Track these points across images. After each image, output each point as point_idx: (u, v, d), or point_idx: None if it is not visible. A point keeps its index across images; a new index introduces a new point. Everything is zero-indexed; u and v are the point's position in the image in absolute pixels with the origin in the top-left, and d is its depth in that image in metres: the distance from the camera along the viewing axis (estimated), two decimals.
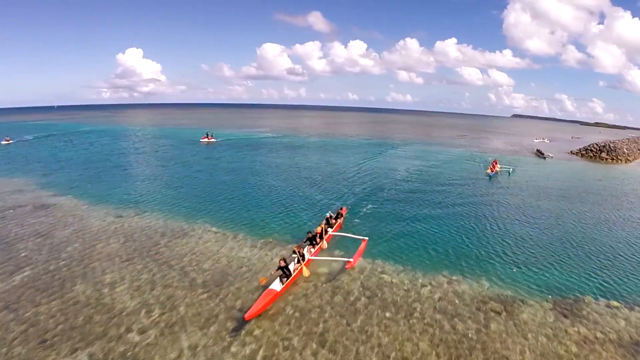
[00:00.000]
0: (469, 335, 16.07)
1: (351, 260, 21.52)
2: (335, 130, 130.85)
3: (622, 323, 17.45)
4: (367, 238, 25.24)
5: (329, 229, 26.11)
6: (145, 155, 65.66)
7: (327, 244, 24.57)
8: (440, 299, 18.95)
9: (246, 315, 16.08)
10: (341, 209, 30.07)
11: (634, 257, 25.40)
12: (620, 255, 25.60)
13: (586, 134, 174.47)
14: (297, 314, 17.31)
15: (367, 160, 63.41)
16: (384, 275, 21.23)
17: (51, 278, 20.34)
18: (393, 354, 14.70)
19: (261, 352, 14.66)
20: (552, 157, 75.45)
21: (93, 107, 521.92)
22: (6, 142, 77.77)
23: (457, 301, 18.70)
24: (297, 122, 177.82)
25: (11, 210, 31.77)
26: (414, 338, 15.72)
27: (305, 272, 20.44)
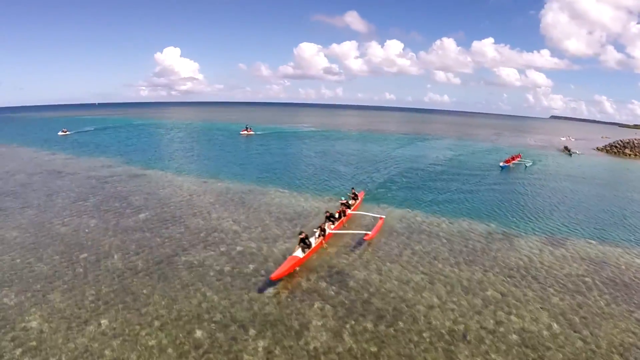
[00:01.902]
0: (476, 246, 23.40)
1: (369, 232, 23.23)
2: (372, 127, 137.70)
3: (591, 250, 23.85)
4: (384, 216, 26.96)
5: (348, 210, 27.85)
6: (202, 142, 74.72)
7: (346, 222, 26.81)
8: (457, 229, 26.38)
9: (272, 276, 17.93)
10: (355, 192, 31.66)
11: (616, 218, 31.56)
12: (604, 217, 31.84)
13: (619, 135, 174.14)
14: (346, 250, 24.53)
15: (398, 149, 70.54)
16: (415, 218, 28.50)
17: (169, 215, 28.23)
18: (420, 252, 21.91)
19: (331, 251, 21.95)
20: (578, 153, 78.47)
21: (133, 104, 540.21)
22: (63, 134, 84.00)
23: (470, 233, 25.93)
24: (335, 119, 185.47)
25: (110, 177, 40.12)
26: (437, 246, 23.20)
27: (324, 245, 22.43)
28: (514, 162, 57.96)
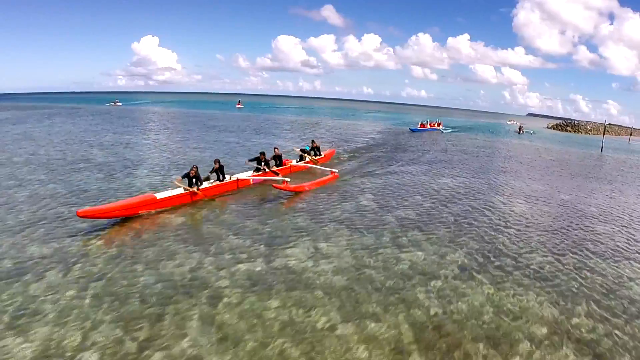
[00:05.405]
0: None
1: (288, 180, 17.15)
2: (349, 106, 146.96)
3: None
4: (337, 171, 21.21)
5: (295, 162, 22.39)
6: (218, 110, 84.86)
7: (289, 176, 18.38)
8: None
9: (78, 212, 11.80)
10: (317, 145, 24.93)
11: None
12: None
13: None
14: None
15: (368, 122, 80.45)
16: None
17: None
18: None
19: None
20: (531, 132, 76.09)
21: (117, 93, 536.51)
22: (113, 105, 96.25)
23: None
24: (312, 102, 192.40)
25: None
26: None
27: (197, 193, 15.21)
28: (431, 128, 58.85)
